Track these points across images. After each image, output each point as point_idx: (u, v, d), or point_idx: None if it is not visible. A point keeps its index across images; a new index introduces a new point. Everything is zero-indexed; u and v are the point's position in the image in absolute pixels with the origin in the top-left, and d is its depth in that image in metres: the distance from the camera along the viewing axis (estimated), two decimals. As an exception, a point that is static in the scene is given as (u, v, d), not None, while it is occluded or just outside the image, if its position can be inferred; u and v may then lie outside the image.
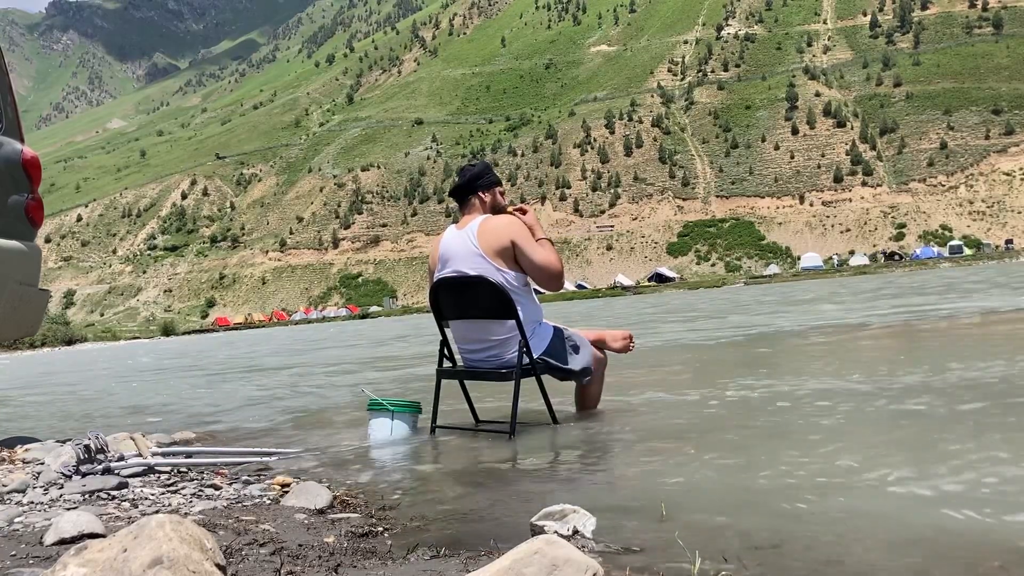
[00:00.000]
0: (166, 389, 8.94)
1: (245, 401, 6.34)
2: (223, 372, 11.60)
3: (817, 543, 1.63)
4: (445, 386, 3.63)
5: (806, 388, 4.03)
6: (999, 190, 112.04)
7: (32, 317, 3.77)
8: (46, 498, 2.28)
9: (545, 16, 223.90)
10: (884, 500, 1.92)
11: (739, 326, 11.33)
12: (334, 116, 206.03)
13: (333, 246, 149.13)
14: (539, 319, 3.47)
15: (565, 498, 1.98)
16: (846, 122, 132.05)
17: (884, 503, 1.90)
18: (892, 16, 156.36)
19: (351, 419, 4.37)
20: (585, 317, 21.52)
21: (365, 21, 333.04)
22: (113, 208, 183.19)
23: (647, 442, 2.96)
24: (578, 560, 1.25)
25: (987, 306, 10.62)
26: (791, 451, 2.56)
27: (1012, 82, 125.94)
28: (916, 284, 24.45)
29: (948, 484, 2.01)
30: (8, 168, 3.59)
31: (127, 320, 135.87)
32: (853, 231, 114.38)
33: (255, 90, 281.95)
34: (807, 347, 7.22)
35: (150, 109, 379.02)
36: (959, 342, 6.65)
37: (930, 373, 4.15)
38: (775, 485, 2.16)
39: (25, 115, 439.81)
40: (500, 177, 3.60)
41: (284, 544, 1.72)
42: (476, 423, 3.70)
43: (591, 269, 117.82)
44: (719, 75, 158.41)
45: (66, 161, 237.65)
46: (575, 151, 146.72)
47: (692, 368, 6.18)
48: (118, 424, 5.12)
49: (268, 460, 3.08)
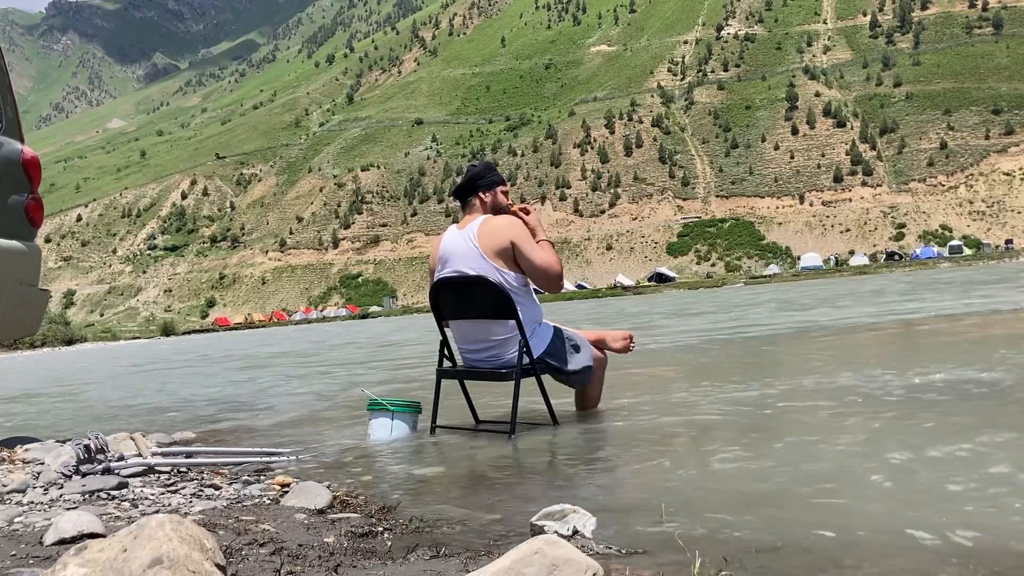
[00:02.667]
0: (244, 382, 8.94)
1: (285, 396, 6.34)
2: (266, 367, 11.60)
3: (817, 544, 1.63)
4: (445, 386, 3.64)
5: (807, 388, 4.02)
6: (999, 190, 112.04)
7: (32, 317, 3.77)
8: (46, 498, 2.28)
9: (545, 16, 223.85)
10: (884, 501, 1.92)
11: (754, 324, 11.33)
12: (334, 116, 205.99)
13: (333, 246, 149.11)
14: (539, 319, 3.47)
15: (565, 498, 1.98)
16: (846, 122, 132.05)
17: (884, 504, 1.89)
18: (892, 16, 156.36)
19: (351, 419, 4.38)
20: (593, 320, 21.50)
21: (365, 21, 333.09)
22: (113, 208, 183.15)
23: (647, 442, 2.95)
24: (578, 560, 1.25)
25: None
26: (791, 452, 2.56)
27: (1012, 82, 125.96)
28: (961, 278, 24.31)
29: (948, 485, 2.01)
30: (8, 168, 3.59)
31: (127, 320, 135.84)
32: (853, 231, 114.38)
33: (255, 90, 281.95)
34: (808, 347, 7.22)
35: (150, 109, 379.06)
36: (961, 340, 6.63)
37: (935, 372, 4.14)
38: (775, 486, 2.16)
39: (25, 115, 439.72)
40: (503, 177, 3.60)
41: (284, 544, 1.72)
42: (476, 423, 3.70)
43: (591, 269, 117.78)
44: (719, 75, 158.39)
45: (66, 161, 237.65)
46: (575, 151, 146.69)
47: (692, 368, 6.18)
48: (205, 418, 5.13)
49: (268, 460, 3.08)
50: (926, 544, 1.60)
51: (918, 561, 1.51)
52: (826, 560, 1.54)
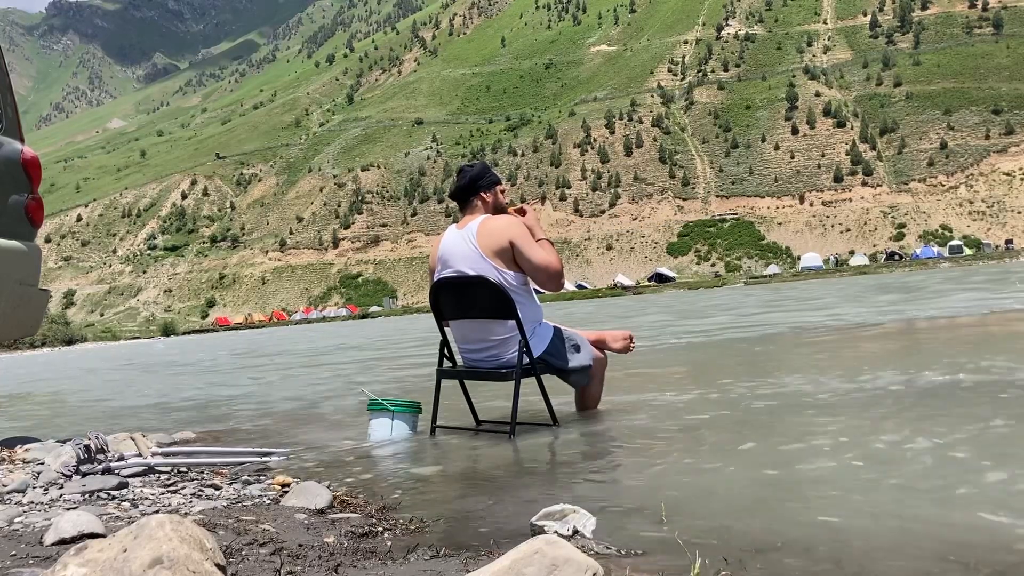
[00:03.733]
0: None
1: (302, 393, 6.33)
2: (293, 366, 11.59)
3: (817, 544, 1.63)
4: (445, 386, 3.64)
5: (807, 388, 4.01)
6: (999, 190, 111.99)
7: (32, 317, 3.77)
8: (46, 498, 2.28)
9: (545, 16, 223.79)
10: (884, 501, 1.92)
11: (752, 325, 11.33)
12: (334, 116, 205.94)
13: (333, 246, 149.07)
14: (539, 319, 3.47)
15: (565, 498, 1.98)
16: (846, 122, 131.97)
17: (884, 504, 1.89)
18: (892, 16, 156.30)
19: (351, 419, 4.38)
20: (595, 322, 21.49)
21: (365, 21, 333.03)
22: (113, 208, 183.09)
23: (647, 442, 2.95)
24: (578, 560, 1.25)
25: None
26: (792, 452, 2.55)
27: (1012, 82, 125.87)
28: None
29: (949, 485, 2.01)
30: (8, 168, 3.59)
31: (127, 320, 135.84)
32: (853, 231, 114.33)
33: (255, 90, 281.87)
34: (809, 347, 7.21)
35: (150, 109, 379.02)
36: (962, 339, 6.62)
37: (937, 373, 4.14)
38: (776, 486, 2.16)
39: (25, 115, 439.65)
40: (500, 176, 3.60)
41: (284, 544, 1.72)
42: (476, 423, 3.70)
43: (591, 269, 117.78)
44: (719, 75, 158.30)
45: (66, 161, 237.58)
46: (575, 151, 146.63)
47: (693, 368, 6.18)
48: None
49: (268, 460, 3.08)
50: (927, 544, 1.60)
51: (919, 560, 1.51)
52: (826, 560, 1.54)
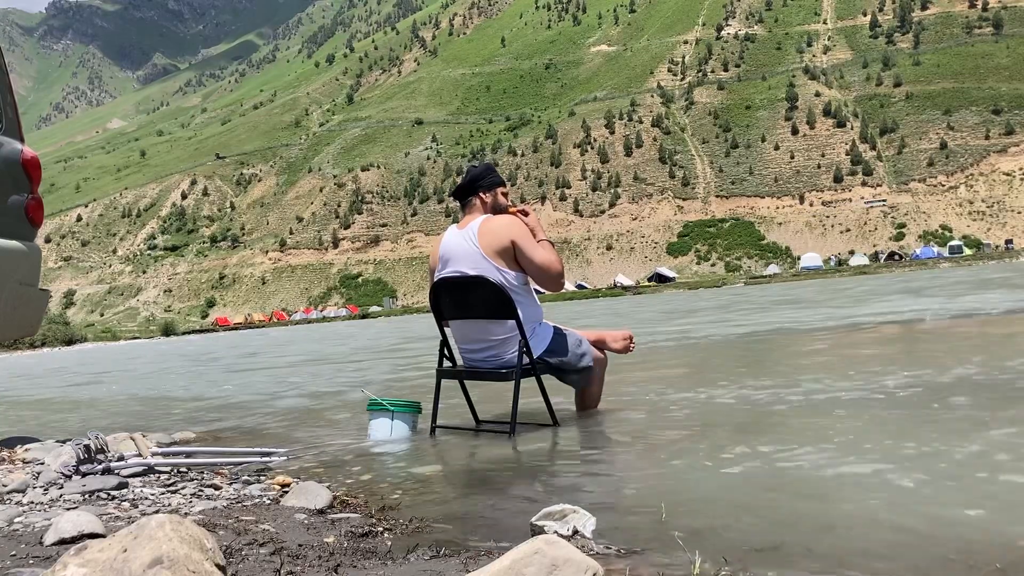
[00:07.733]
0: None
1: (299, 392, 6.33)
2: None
3: (817, 544, 1.63)
4: (445, 386, 3.64)
5: (807, 389, 4.01)
6: (999, 190, 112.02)
7: (32, 317, 3.77)
8: (46, 498, 2.28)
9: (545, 16, 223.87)
10: (885, 501, 1.91)
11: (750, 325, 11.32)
12: (334, 116, 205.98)
13: (333, 246, 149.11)
14: (539, 319, 3.46)
15: (565, 498, 1.98)
16: (846, 122, 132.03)
17: (885, 504, 1.89)
18: (892, 16, 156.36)
19: (351, 419, 4.38)
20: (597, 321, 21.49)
21: (365, 21, 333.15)
22: (113, 208, 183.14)
23: (647, 442, 2.95)
24: (578, 560, 1.25)
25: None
26: (792, 452, 2.55)
27: (1012, 82, 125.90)
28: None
29: (949, 485, 2.01)
30: (8, 168, 3.59)
31: (127, 320, 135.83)
32: (853, 231, 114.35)
33: (255, 90, 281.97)
34: (809, 347, 7.21)
35: (150, 109, 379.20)
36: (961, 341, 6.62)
37: (936, 373, 4.14)
38: (775, 485, 2.16)
39: (25, 115, 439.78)
40: (503, 178, 3.60)
41: (284, 544, 1.72)
42: (476, 423, 3.70)
43: (591, 269, 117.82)
44: (719, 75, 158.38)
45: (66, 161, 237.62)
46: (575, 151, 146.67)
47: (693, 368, 6.18)
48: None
49: (268, 460, 3.08)
50: (927, 543, 1.60)
51: (919, 560, 1.51)
52: (827, 559, 1.53)
